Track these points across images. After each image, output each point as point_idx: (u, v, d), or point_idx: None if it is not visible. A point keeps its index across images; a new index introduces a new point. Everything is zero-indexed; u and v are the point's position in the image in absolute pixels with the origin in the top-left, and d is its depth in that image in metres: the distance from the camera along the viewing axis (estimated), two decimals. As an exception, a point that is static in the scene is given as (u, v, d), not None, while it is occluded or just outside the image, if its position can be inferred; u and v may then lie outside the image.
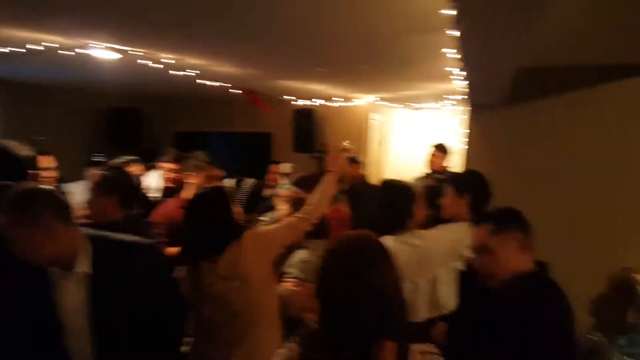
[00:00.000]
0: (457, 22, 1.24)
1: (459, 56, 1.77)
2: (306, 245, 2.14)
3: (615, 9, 1.56)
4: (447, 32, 1.61)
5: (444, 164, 4.77)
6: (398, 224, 2.02)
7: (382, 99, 6.40)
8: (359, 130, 6.61)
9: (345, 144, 2.14)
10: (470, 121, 2.91)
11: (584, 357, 2.51)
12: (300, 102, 6.02)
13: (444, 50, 2.28)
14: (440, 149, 4.97)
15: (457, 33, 1.33)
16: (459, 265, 1.94)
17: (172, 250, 2.31)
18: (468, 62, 1.69)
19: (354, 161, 3.87)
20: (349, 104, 6.39)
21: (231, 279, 1.67)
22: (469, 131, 2.92)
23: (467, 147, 2.95)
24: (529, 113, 2.74)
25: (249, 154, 6.91)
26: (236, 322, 1.71)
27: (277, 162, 4.53)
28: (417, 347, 1.08)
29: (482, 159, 2.83)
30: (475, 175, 2.23)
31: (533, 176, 2.75)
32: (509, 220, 1.59)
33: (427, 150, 5.05)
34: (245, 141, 7.02)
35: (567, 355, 1.43)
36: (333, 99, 6.13)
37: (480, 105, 2.86)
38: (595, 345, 2.50)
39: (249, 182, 2.23)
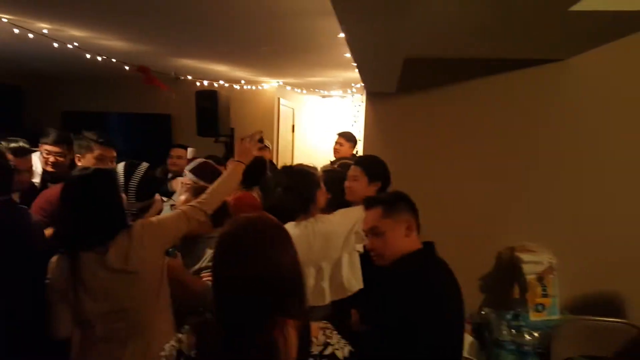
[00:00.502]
0: (333, 7, 1.17)
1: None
2: (214, 234, 2.01)
3: (493, 5, 1.63)
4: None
5: (350, 152, 4.83)
6: (302, 209, 2.01)
7: (289, 84, 6.36)
8: (268, 115, 6.53)
9: (256, 133, 2.04)
10: (367, 109, 2.97)
11: (475, 331, 2.71)
12: (205, 84, 5.77)
13: (340, 36, 2.25)
14: (345, 137, 5.02)
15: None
16: (360, 248, 1.97)
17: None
18: (353, 49, 1.66)
19: (263, 146, 3.75)
20: (256, 87, 6.27)
21: (121, 272, 1.54)
22: (365, 119, 2.97)
23: (364, 134, 3.00)
24: (419, 102, 2.87)
25: (147, 136, 6.48)
26: (125, 318, 1.58)
27: (182, 146, 4.24)
28: (316, 324, 1.08)
29: (377, 146, 2.91)
30: (383, 163, 2.31)
31: (425, 162, 2.89)
32: (397, 203, 1.67)
33: (334, 138, 5.08)
34: (142, 123, 6.56)
35: (450, 328, 1.52)
36: (238, 81, 5.97)
37: (375, 93, 2.93)
38: (485, 319, 2.69)
39: (143, 166, 2.03)
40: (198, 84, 5.88)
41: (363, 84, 2.78)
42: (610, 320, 2.54)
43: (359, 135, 4.10)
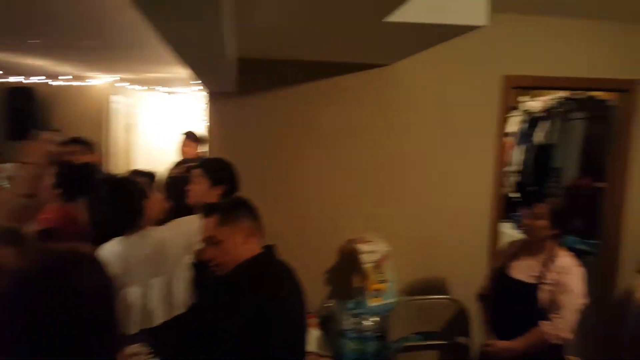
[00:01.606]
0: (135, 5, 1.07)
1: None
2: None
3: (313, 13, 1.69)
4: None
5: (196, 152, 4.63)
6: (128, 224, 1.81)
7: (126, 80, 5.82)
8: (98, 114, 5.86)
9: (50, 133, 1.78)
10: (210, 109, 2.87)
11: (322, 325, 2.82)
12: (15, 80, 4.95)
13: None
14: (191, 137, 4.80)
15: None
16: (191, 259, 1.89)
17: None
18: (172, 49, 1.57)
19: (81, 142, 3.23)
20: (82, 83, 5.57)
21: None
22: (209, 118, 2.87)
23: (209, 134, 2.90)
24: (259, 102, 2.89)
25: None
26: None
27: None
28: (128, 350, 1.04)
29: (222, 147, 2.84)
30: (229, 166, 2.22)
31: (269, 162, 2.92)
32: (235, 211, 1.63)
33: (178, 138, 4.82)
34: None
35: (288, 330, 1.54)
36: (60, 77, 5.24)
37: (216, 93, 2.85)
38: (329, 311, 2.82)
39: None
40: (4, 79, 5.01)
41: (201, 84, 2.66)
42: (436, 297, 2.87)
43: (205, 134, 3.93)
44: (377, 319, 2.70)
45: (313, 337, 2.69)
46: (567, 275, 2.15)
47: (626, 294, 3.23)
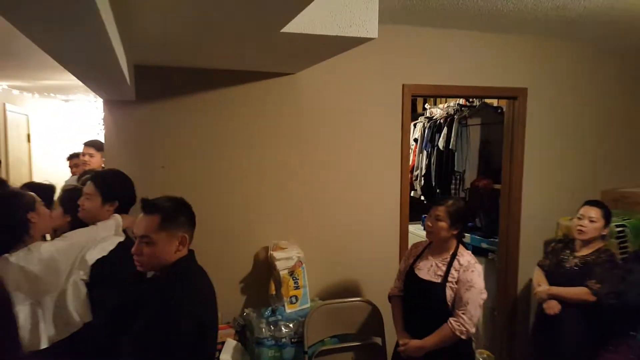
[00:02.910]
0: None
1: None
2: None
3: (207, 25, 1.70)
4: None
5: (99, 162, 4.36)
6: (13, 240, 1.73)
7: (17, 88, 5.34)
8: None
9: None
10: (105, 118, 2.72)
11: (239, 335, 2.77)
12: None
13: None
14: (95, 147, 4.52)
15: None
16: (84, 276, 1.82)
17: None
18: (52, 57, 1.48)
19: None
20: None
21: None
22: (106, 127, 2.72)
23: (105, 145, 2.75)
24: (161, 110, 2.77)
25: None
26: None
27: None
28: None
29: (120, 158, 2.70)
30: (124, 180, 2.15)
31: (174, 172, 2.80)
32: (176, 217, 1.64)
33: (81, 149, 4.52)
34: None
35: (200, 335, 1.55)
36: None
37: (113, 101, 2.71)
38: (246, 320, 2.78)
39: None
40: None
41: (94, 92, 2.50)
42: (350, 300, 2.94)
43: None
44: (293, 325, 2.71)
45: (230, 347, 2.65)
46: (469, 272, 2.28)
47: (525, 287, 3.54)
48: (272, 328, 2.67)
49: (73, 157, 4.50)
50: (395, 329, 2.56)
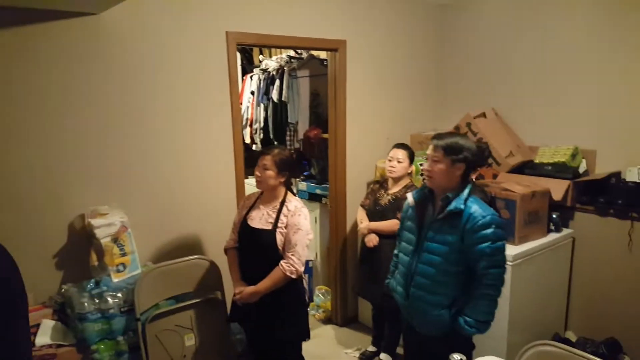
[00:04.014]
0: None
1: None
2: None
3: None
4: None
5: None
6: None
7: None
8: None
9: None
10: None
11: (57, 313, 2.49)
12: None
13: None
14: None
15: None
16: None
17: None
18: None
19: None
20: None
21: None
22: None
23: None
24: None
25: None
26: None
27: None
28: None
29: None
30: None
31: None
32: None
33: None
34: None
35: None
36: None
37: None
38: (65, 297, 2.49)
39: None
40: None
41: None
42: (185, 259, 2.85)
43: None
44: (122, 294, 2.53)
45: (48, 328, 2.38)
46: (296, 217, 2.42)
47: (353, 226, 3.86)
48: (97, 301, 2.45)
49: None
50: (232, 280, 2.59)
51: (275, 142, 4.47)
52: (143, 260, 2.78)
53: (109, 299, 2.48)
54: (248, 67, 5.22)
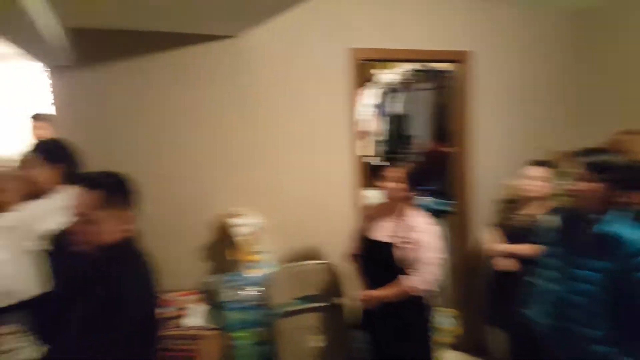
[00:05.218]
0: None
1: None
2: None
3: None
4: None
5: (51, 133, 4.19)
6: None
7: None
8: None
9: None
10: (52, 85, 2.58)
11: (206, 299, 2.80)
12: None
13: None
14: (42, 119, 4.35)
15: None
16: (38, 246, 1.82)
17: None
18: None
19: None
20: None
21: None
22: (53, 96, 2.59)
23: (55, 113, 2.62)
24: (101, 76, 2.66)
25: None
26: None
27: None
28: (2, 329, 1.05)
29: (70, 125, 2.60)
30: (64, 144, 2.13)
31: (123, 141, 2.72)
32: (117, 196, 1.57)
33: (29, 121, 4.33)
34: None
35: (138, 316, 1.54)
36: None
37: (56, 67, 2.56)
38: (210, 286, 2.80)
39: None
40: None
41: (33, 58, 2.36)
42: (311, 262, 3.01)
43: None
44: (257, 288, 2.76)
45: (199, 312, 2.68)
46: (420, 233, 2.37)
47: (477, 246, 3.71)
48: (235, 293, 2.71)
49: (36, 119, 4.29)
50: (360, 283, 2.63)
51: (396, 155, 4.50)
52: (275, 260, 2.99)
53: (245, 292, 2.72)
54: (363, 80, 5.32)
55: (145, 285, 1.59)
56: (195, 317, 2.63)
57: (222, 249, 2.90)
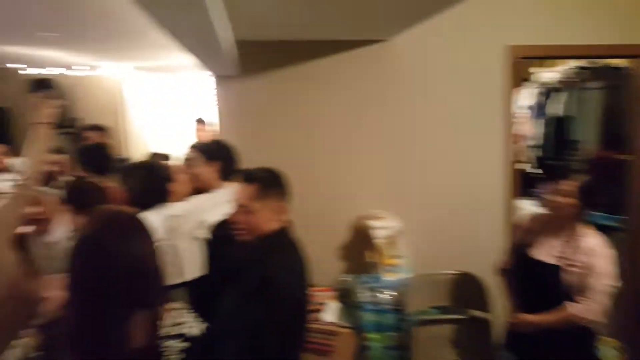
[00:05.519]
0: None
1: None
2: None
3: None
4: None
5: (209, 136, 4.76)
6: (158, 202, 2.03)
7: (136, 68, 5.89)
8: (113, 101, 6.07)
9: (47, 93, 1.96)
10: (218, 92, 2.91)
11: (340, 298, 2.85)
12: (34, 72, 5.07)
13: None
14: (203, 122, 4.99)
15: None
16: (203, 234, 2.03)
17: None
18: (168, 32, 1.63)
19: (96, 128, 3.61)
20: (95, 73, 5.70)
21: None
22: (218, 102, 2.91)
23: (219, 117, 2.94)
24: (263, 83, 2.89)
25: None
26: None
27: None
28: (168, 306, 1.14)
29: (231, 129, 2.88)
30: (222, 144, 2.32)
31: (278, 142, 2.92)
32: (272, 187, 1.70)
33: (193, 125, 5.02)
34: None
35: (291, 303, 1.61)
36: (74, 67, 5.35)
37: (222, 76, 2.89)
38: (346, 285, 2.85)
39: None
40: (24, 72, 5.14)
41: (205, 68, 2.68)
42: (452, 272, 2.86)
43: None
44: (394, 292, 2.71)
45: (332, 309, 2.74)
46: (595, 257, 2.04)
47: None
48: (372, 294, 2.71)
49: (199, 122, 4.97)
50: (508, 303, 2.39)
51: (555, 162, 4.05)
52: (412, 266, 2.91)
53: (382, 295, 2.70)
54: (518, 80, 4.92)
55: (297, 271, 1.67)
56: (329, 313, 2.70)
57: (360, 250, 2.92)
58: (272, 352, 1.51)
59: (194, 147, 2.36)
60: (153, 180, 2.07)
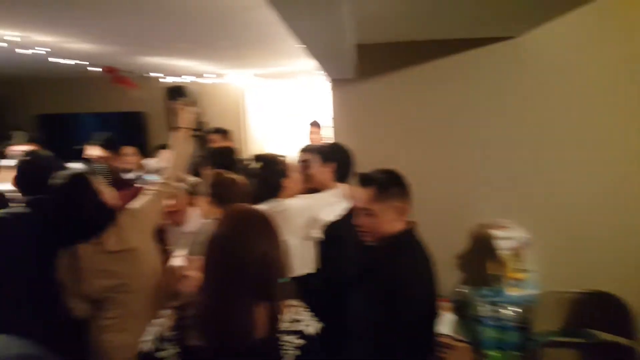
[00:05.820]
0: (271, 5, 1.22)
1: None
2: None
3: None
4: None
5: (321, 138, 4.90)
6: (270, 196, 2.12)
7: (257, 75, 6.26)
8: (236, 106, 6.56)
9: (185, 100, 2.18)
10: (333, 96, 2.93)
11: (456, 310, 2.71)
12: (170, 80, 5.67)
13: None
14: (315, 125, 5.15)
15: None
16: (316, 233, 2.07)
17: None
18: (301, 41, 1.68)
19: (220, 131, 3.92)
20: (221, 80, 6.24)
21: (116, 253, 1.79)
22: (333, 105, 2.94)
23: (333, 120, 2.97)
24: (380, 86, 2.84)
25: (121, 135, 6.37)
26: (128, 291, 1.82)
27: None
28: (285, 303, 1.20)
29: (347, 131, 2.88)
30: (338, 146, 2.34)
31: (394, 146, 2.86)
32: (390, 189, 1.68)
33: (306, 128, 5.20)
34: (117, 122, 6.37)
35: (419, 305, 1.58)
36: (205, 75, 5.88)
37: (337, 80, 2.90)
38: (463, 297, 2.69)
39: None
40: (163, 79, 5.75)
41: (323, 72, 2.72)
42: (587, 291, 2.56)
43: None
44: (518, 309, 2.50)
45: (447, 321, 2.62)
46: None
47: None
48: (493, 309, 2.53)
49: (313, 125, 5.18)
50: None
51: None
52: (540, 281, 2.66)
53: (505, 311, 2.50)
54: None
55: (423, 272, 1.64)
56: (444, 325, 2.57)
57: (480, 260, 2.75)
58: (400, 355, 1.50)
59: (306, 149, 2.41)
60: (269, 174, 2.16)
